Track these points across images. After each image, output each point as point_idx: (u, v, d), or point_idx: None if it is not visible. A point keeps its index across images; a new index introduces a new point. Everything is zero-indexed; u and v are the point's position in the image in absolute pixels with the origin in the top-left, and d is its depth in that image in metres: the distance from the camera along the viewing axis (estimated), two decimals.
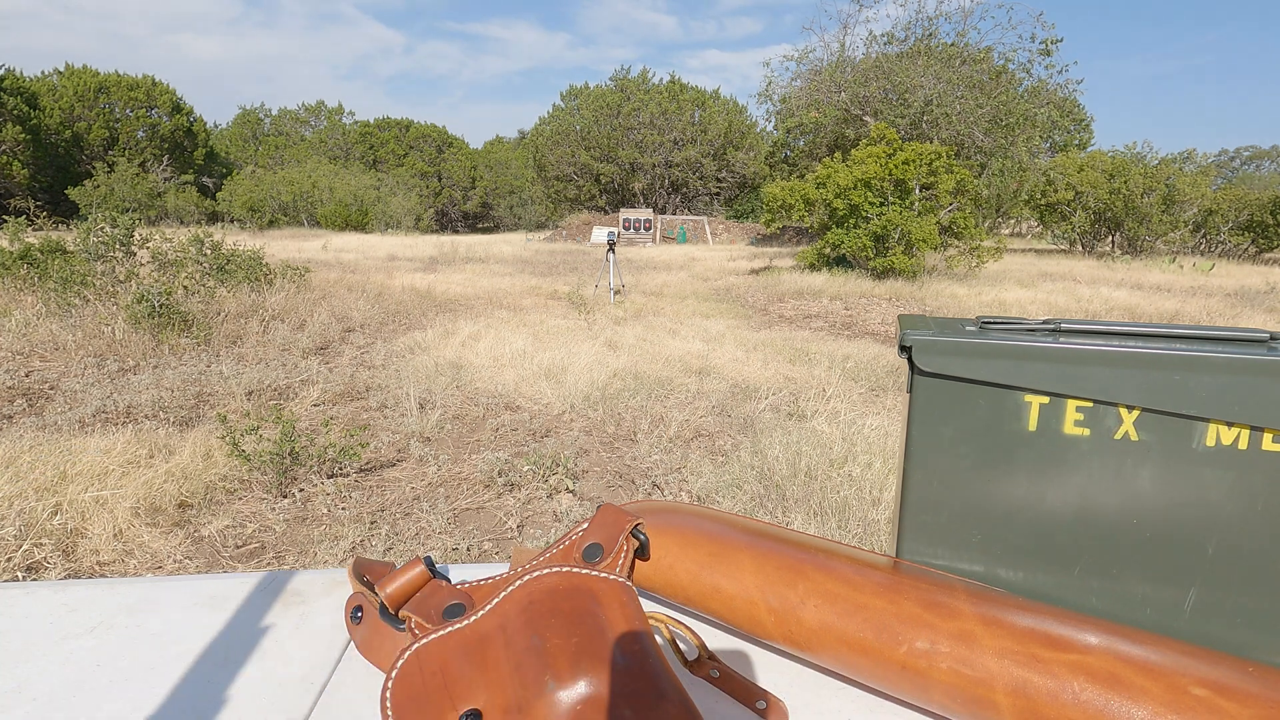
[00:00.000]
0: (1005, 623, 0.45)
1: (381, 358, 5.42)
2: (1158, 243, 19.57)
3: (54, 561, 2.36)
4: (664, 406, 4.29)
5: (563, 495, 3.07)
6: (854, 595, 0.49)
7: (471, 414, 4.14)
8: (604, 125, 31.60)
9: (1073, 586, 0.54)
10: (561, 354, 5.40)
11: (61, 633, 0.56)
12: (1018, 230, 31.42)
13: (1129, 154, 21.07)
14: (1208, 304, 9.37)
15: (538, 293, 9.49)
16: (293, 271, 8.02)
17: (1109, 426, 0.51)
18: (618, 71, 33.60)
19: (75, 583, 0.63)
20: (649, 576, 0.56)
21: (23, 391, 4.27)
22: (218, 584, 0.63)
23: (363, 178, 32.24)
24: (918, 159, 11.58)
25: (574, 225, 26.40)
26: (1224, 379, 0.48)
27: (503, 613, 0.47)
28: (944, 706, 0.45)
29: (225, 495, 2.97)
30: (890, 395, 4.64)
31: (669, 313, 8.00)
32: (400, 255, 14.91)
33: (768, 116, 22.56)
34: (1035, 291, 10.14)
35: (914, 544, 0.57)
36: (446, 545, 2.63)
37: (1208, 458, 0.49)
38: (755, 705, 0.48)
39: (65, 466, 2.89)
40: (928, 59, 19.02)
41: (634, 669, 0.42)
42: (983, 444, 0.54)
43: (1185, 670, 0.40)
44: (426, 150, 41.35)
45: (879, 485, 3.03)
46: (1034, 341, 0.51)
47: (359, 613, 0.55)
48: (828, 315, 8.25)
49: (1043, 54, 18.74)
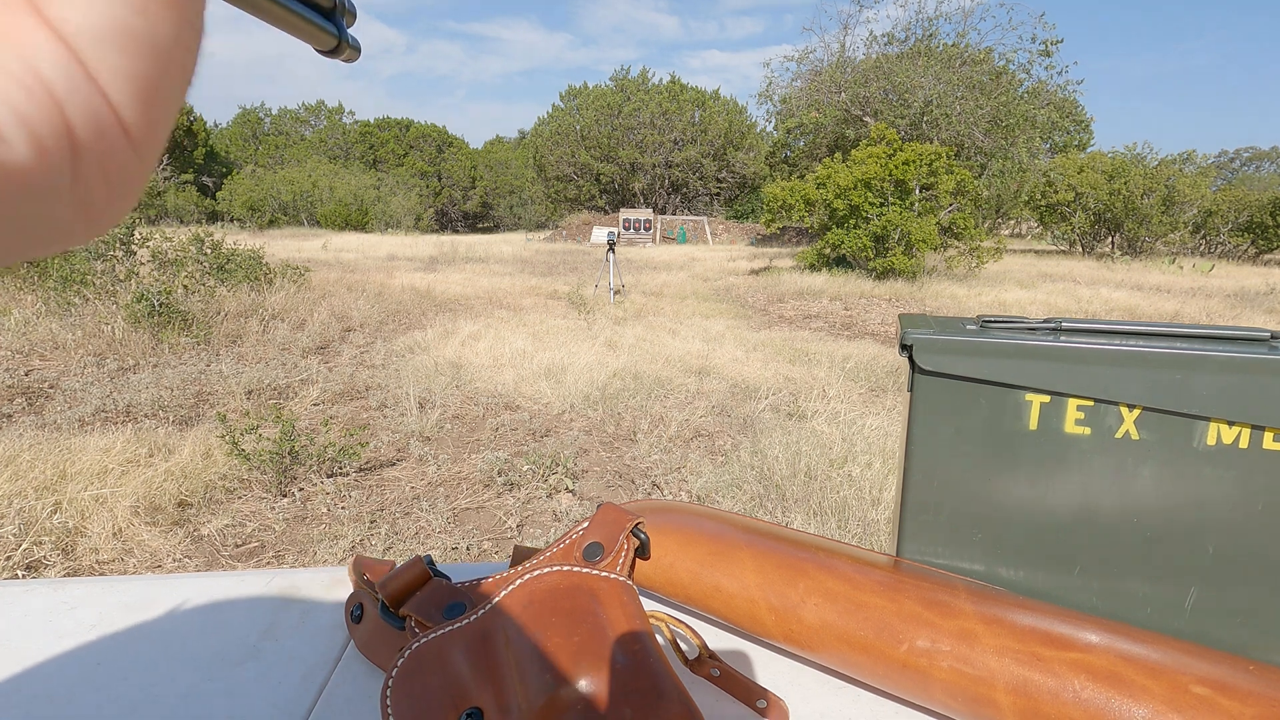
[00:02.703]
0: (1006, 621, 0.45)
1: (381, 357, 5.41)
2: (1157, 244, 19.58)
3: (53, 560, 2.36)
4: (664, 406, 4.29)
5: (562, 495, 3.07)
6: (854, 594, 0.49)
7: (471, 414, 4.14)
8: (604, 125, 31.60)
9: (1073, 585, 0.54)
10: (561, 354, 5.40)
11: (61, 631, 0.56)
12: (1017, 231, 31.44)
13: (1129, 155, 21.07)
14: (1207, 305, 9.37)
15: (538, 293, 9.49)
16: (292, 271, 8.02)
17: (1110, 425, 0.51)
18: (618, 71, 33.63)
19: (75, 581, 0.63)
20: (649, 575, 0.56)
21: (22, 390, 4.27)
22: (217, 583, 0.63)
23: (363, 177, 32.23)
24: (918, 159, 11.58)
25: (574, 225, 26.39)
26: (1225, 378, 0.48)
27: (503, 612, 0.47)
28: (945, 705, 0.45)
29: (225, 494, 2.97)
30: (890, 395, 4.64)
31: (669, 313, 8.00)
32: (400, 255, 14.91)
33: (768, 117, 22.57)
34: (1035, 292, 10.14)
35: (915, 543, 0.57)
36: (446, 544, 2.63)
37: (1208, 457, 0.49)
38: (756, 704, 0.48)
39: (65, 465, 2.88)
40: (928, 60, 19.02)
41: (635, 668, 0.42)
42: (984, 443, 0.54)
43: (1186, 669, 0.40)
44: (426, 150, 41.34)
45: (879, 485, 3.03)
46: (1035, 340, 0.51)
47: (359, 611, 0.55)
48: (828, 315, 8.25)
49: (1043, 54, 18.74)
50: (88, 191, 0.14)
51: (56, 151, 0.13)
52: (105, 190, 0.14)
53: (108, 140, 0.14)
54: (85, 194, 0.14)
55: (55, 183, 0.13)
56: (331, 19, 0.30)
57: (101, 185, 0.14)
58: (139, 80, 0.14)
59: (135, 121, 0.14)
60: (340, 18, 0.30)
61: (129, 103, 0.14)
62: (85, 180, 0.14)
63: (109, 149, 0.14)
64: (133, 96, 0.14)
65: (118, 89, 0.14)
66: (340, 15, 0.30)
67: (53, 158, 0.13)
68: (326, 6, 0.29)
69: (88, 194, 0.14)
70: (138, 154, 0.14)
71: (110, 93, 0.13)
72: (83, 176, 0.14)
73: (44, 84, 0.13)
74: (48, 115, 0.13)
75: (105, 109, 0.13)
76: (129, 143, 0.14)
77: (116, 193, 0.15)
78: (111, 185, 0.14)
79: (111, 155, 0.14)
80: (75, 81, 0.13)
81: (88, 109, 0.13)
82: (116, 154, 0.14)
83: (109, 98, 0.13)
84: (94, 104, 0.13)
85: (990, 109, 17.93)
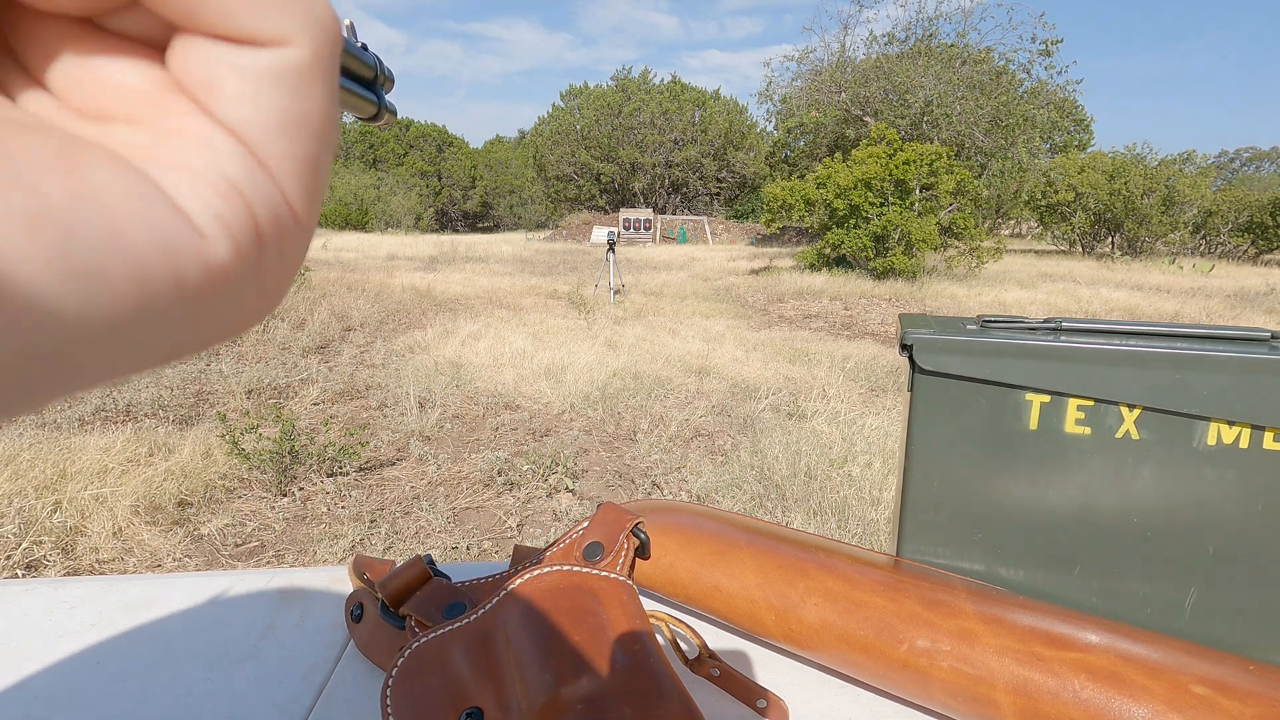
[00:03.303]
0: (1006, 621, 0.45)
1: (381, 357, 5.41)
2: (1157, 244, 19.58)
3: (53, 559, 2.36)
4: (664, 406, 4.29)
5: (562, 494, 3.07)
6: (855, 594, 0.49)
7: (471, 413, 4.14)
8: (604, 125, 31.60)
9: (1073, 585, 0.54)
10: (561, 354, 5.40)
11: (60, 630, 0.56)
12: (1017, 231, 31.43)
13: (1129, 155, 21.06)
14: (1207, 305, 9.37)
15: (537, 292, 9.49)
16: None
17: (1110, 425, 0.51)
18: (618, 71, 33.62)
19: (74, 580, 0.63)
20: (649, 575, 0.56)
21: None
22: (217, 582, 0.63)
23: (363, 177, 32.21)
24: (918, 159, 11.58)
25: (574, 225, 26.38)
26: (1225, 378, 0.48)
27: (503, 611, 0.47)
28: (945, 705, 0.45)
29: (225, 494, 2.97)
30: (890, 395, 4.64)
31: (669, 312, 8.00)
32: (400, 254, 14.90)
33: (768, 117, 22.57)
34: (1035, 292, 10.14)
35: (915, 543, 0.57)
36: (446, 544, 2.63)
37: (1209, 457, 0.49)
38: (756, 704, 0.48)
39: (65, 464, 2.88)
40: (928, 59, 19.02)
41: (635, 668, 0.42)
42: (984, 443, 0.54)
43: (1186, 669, 0.40)
44: (426, 150, 41.32)
45: (879, 485, 3.03)
46: (1035, 340, 0.51)
47: (359, 611, 0.55)
48: (828, 315, 8.25)
49: (1043, 54, 18.74)
50: (267, 277, 0.14)
51: (248, 247, 0.13)
52: (280, 272, 0.15)
53: (283, 226, 0.14)
54: (264, 279, 0.14)
55: (247, 276, 0.14)
56: (372, 89, 0.30)
57: (278, 268, 0.15)
58: (304, 163, 0.14)
59: (302, 202, 0.15)
60: (380, 87, 0.30)
61: (297, 187, 0.14)
62: (266, 267, 0.14)
63: (284, 234, 0.14)
64: (299, 180, 0.14)
65: (288, 176, 0.14)
66: (380, 85, 0.30)
67: (246, 253, 0.13)
68: (368, 78, 0.29)
69: (267, 279, 0.15)
70: (303, 230, 0.15)
71: (283, 181, 0.14)
72: (264, 264, 0.14)
73: (232, 183, 0.13)
74: (239, 213, 0.13)
75: (280, 198, 0.14)
76: (298, 224, 0.15)
77: (287, 271, 0.15)
78: (285, 265, 0.15)
79: (286, 238, 0.15)
80: (255, 176, 0.13)
81: (267, 201, 0.14)
82: (290, 236, 0.15)
83: (281, 185, 0.14)
84: (271, 195, 0.14)
85: (990, 109, 17.93)
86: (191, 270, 0.12)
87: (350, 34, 0.27)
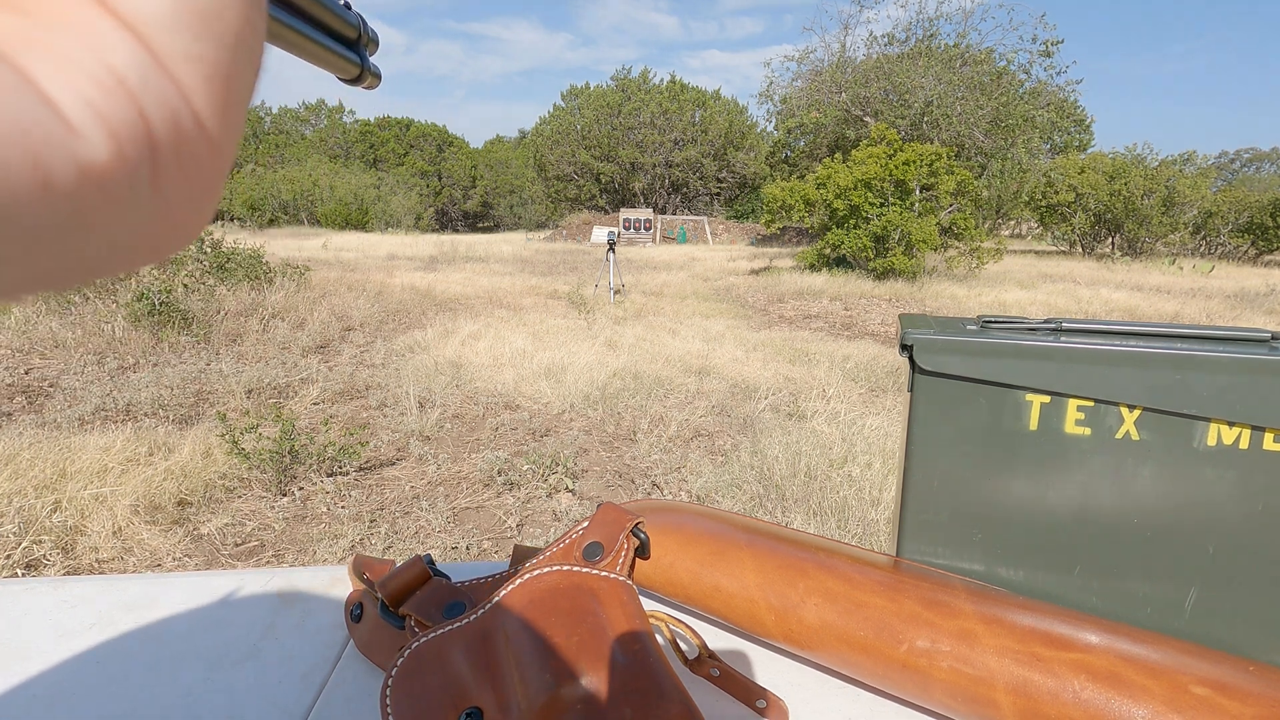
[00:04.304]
0: (1006, 621, 0.45)
1: (381, 357, 5.41)
2: (1158, 244, 19.58)
3: (53, 559, 2.36)
4: (664, 406, 4.29)
5: (562, 494, 3.07)
6: (854, 594, 0.49)
7: (471, 413, 4.14)
8: (604, 125, 31.60)
9: (1073, 585, 0.54)
10: (561, 353, 5.40)
11: (61, 630, 0.56)
12: (1018, 231, 31.44)
13: (1129, 156, 21.06)
14: (1207, 305, 9.37)
15: (537, 292, 9.48)
16: (293, 270, 8.02)
17: (1110, 426, 0.51)
18: (618, 71, 33.63)
19: (74, 580, 0.63)
20: (649, 575, 0.56)
21: (22, 389, 4.27)
22: (217, 582, 0.63)
23: (363, 177, 32.20)
24: (918, 160, 11.58)
25: (574, 225, 26.38)
26: (1225, 378, 0.48)
27: (503, 611, 0.47)
28: (945, 705, 0.45)
29: (225, 493, 2.97)
30: (890, 395, 4.64)
31: (669, 313, 8.00)
32: (400, 254, 14.90)
33: (768, 117, 22.55)
34: (1035, 293, 10.14)
35: (914, 543, 0.57)
36: (446, 544, 2.63)
37: (1209, 457, 0.49)
38: (755, 704, 0.48)
39: (65, 464, 2.88)
40: (928, 60, 19.01)
41: (634, 668, 0.42)
42: (983, 443, 0.54)
43: (1186, 669, 0.40)
44: (427, 149, 41.31)
45: (879, 485, 3.03)
46: (1035, 341, 0.51)
47: (359, 611, 0.55)
48: (828, 316, 8.25)
49: (1043, 55, 18.73)
50: (167, 194, 0.13)
51: (135, 149, 0.12)
52: (185, 192, 0.13)
53: (184, 135, 0.13)
54: (165, 197, 0.13)
55: (135, 184, 0.12)
56: (355, 49, 0.29)
57: (181, 186, 0.13)
58: (212, 67, 0.13)
59: (211, 113, 0.13)
60: (363, 48, 0.30)
61: (204, 92, 0.13)
62: (164, 181, 0.13)
63: (186, 145, 0.13)
64: (207, 85, 0.13)
65: (191, 78, 0.13)
66: (363, 46, 0.30)
67: (131, 156, 0.12)
68: (351, 38, 0.29)
69: (167, 197, 0.13)
70: (215, 149, 0.14)
71: (184, 83, 0.13)
72: (162, 177, 0.13)
73: (118, 77, 0.12)
74: (124, 110, 0.12)
75: (180, 101, 0.13)
76: (205, 137, 0.13)
77: (196, 194, 0.14)
78: (191, 185, 0.13)
79: (189, 152, 0.13)
80: (148, 73, 0.12)
81: (163, 102, 0.12)
82: (194, 150, 0.13)
83: (183, 88, 0.13)
84: (169, 96, 0.12)
85: (990, 109, 17.92)
86: (60, 167, 0.11)
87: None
